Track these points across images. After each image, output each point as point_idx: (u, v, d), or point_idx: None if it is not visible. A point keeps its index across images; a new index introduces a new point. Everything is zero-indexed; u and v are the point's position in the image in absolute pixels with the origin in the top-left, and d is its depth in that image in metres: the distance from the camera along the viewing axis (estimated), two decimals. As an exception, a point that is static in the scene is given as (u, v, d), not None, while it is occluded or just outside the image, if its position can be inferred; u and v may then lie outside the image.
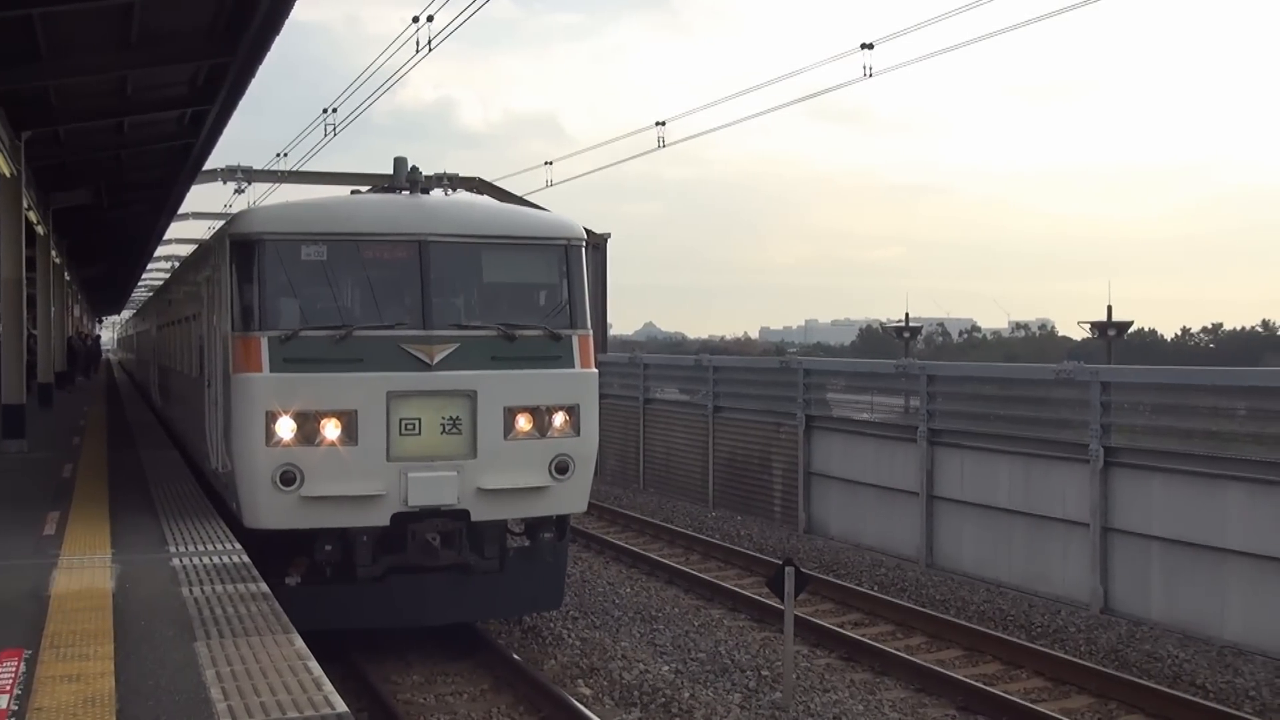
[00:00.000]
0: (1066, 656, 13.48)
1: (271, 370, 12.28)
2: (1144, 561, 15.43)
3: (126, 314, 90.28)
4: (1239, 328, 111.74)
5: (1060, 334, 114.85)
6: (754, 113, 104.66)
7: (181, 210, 37.42)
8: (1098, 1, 18.68)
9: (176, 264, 36.82)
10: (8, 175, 20.71)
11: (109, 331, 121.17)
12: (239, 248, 12.91)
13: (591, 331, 13.82)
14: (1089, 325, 38.52)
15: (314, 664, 7.61)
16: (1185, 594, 14.88)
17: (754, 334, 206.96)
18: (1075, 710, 12.03)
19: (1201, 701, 11.90)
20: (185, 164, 27.13)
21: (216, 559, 11.08)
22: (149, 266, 60.78)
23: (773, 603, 14.30)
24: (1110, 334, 36.45)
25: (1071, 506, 16.40)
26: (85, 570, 10.49)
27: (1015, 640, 14.08)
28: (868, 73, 23.45)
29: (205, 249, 17.11)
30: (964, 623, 14.88)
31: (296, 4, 14.81)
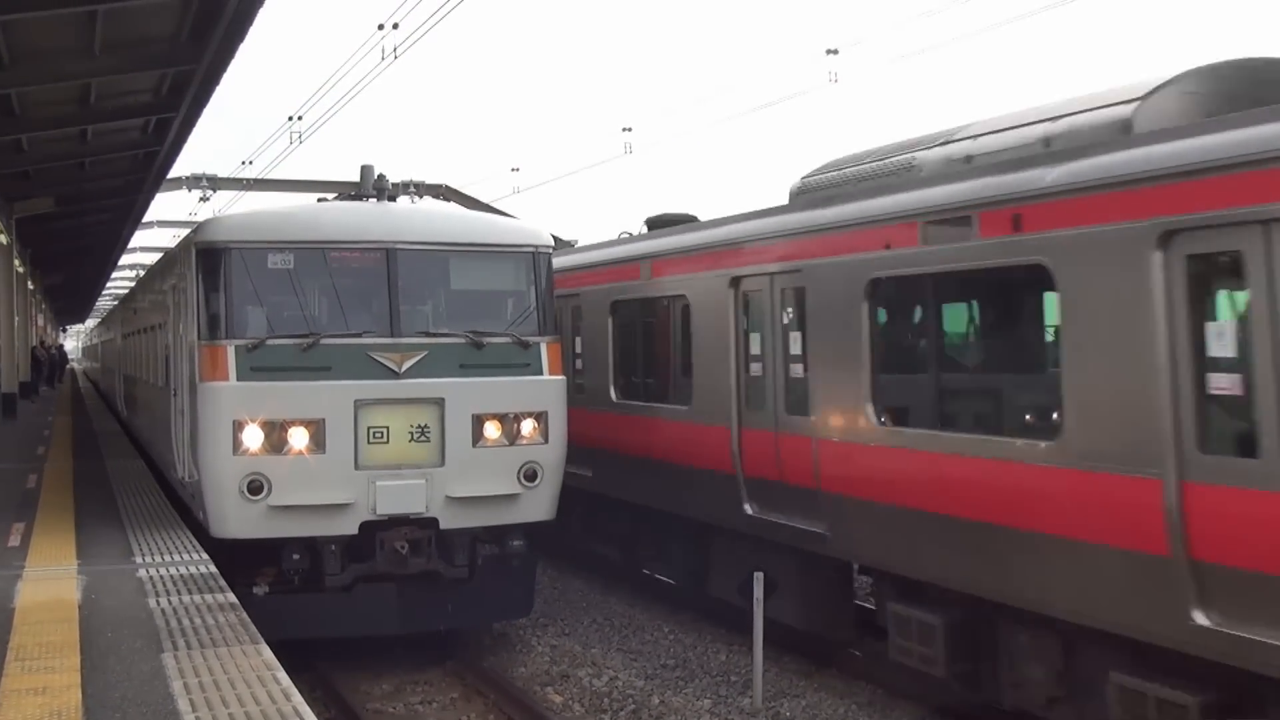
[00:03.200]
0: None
1: (238, 379, 12.23)
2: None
3: (91, 323, 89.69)
4: None
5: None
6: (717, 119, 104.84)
7: (146, 218, 37.25)
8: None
9: (142, 272, 36.59)
10: (-30, 184, 20.56)
11: (73, 340, 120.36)
12: (205, 256, 12.85)
13: (560, 338, 13.85)
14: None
15: (283, 674, 7.60)
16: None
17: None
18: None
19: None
20: (150, 172, 27.00)
21: (184, 569, 11.03)
22: (114, 275, 60.43)
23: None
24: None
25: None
26: (51, 581, 10.42)
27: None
28: (833, 79, 23.58)
29: (171, 257, 17.03)
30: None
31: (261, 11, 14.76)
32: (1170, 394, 8.01)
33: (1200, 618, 7.82)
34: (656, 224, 16.94)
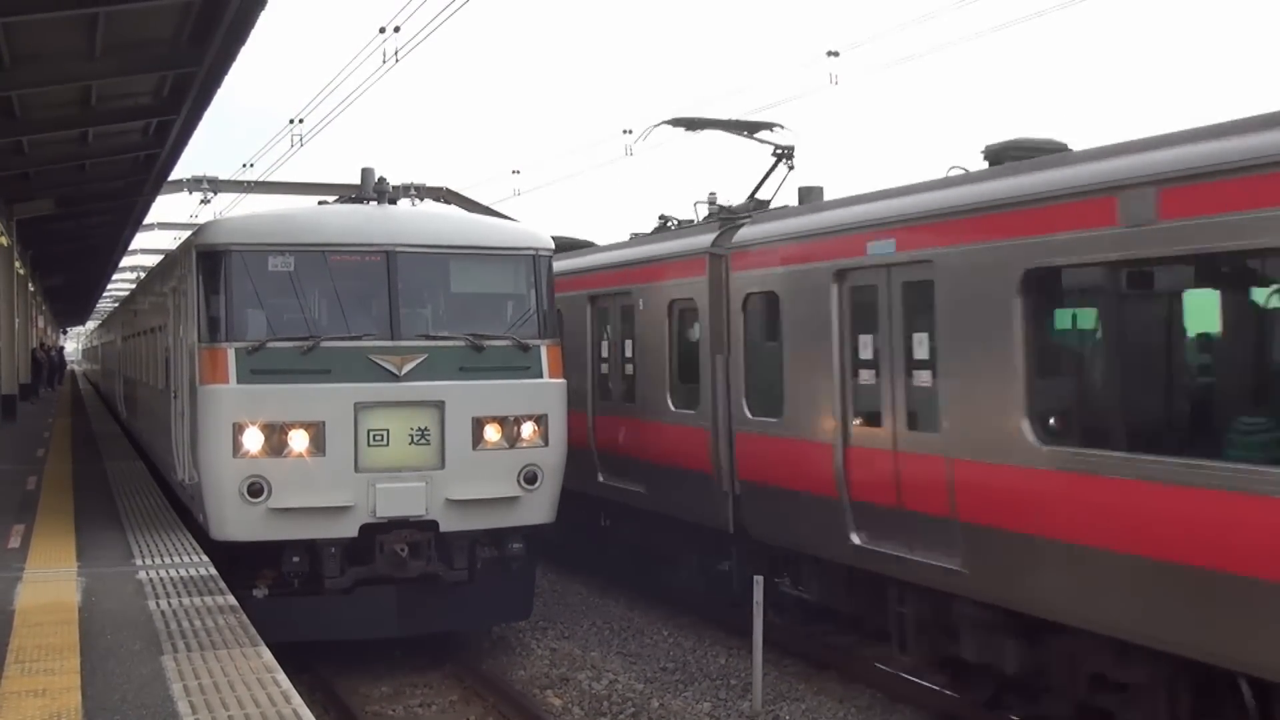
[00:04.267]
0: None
1: (238, 381, 12.24)
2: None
3: (91, 325, 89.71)
4: None
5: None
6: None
7: (147, 221, 37.23)
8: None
9: (142, 275, 36.60)
10: (-29, 186, 20.58)
11: (73, 342, 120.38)
12: (206, 258, 12.86)
13: (561, 341, 13.86)
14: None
15: (282, 677, 7.61)
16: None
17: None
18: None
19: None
20: (150, 174, 27.00)
21: (183, 571, 11.04)
22: (114, 277, 60.44)
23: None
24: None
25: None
26: (51, 583, 10.44)
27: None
28: (834, 81, 23.59)
29: (172, 260, 17.04)
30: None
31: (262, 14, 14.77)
32: None
33: None
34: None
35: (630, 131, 30.73)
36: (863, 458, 11.49)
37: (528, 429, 13.04)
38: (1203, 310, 8.80)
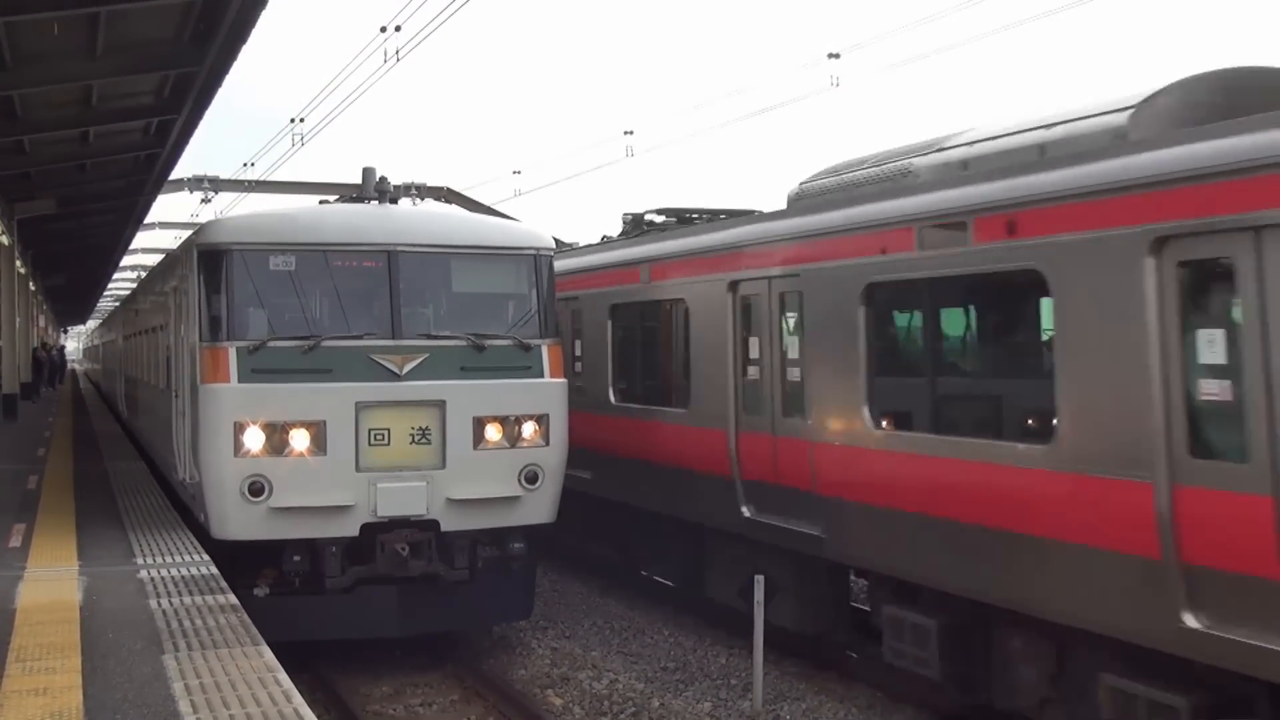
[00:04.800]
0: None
1: (239, 381, 12.25)
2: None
3: (92, 324, 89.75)
4: None
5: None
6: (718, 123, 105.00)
7: (148, 220, 37.23)
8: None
9: (143, 274, 36.61)
10: (-28, 185, 20.59)
11: (74, 342, 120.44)
12: (207, 258, 12.87)
13: (561, 341, 13.86)
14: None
15: (283, 676, 7.61)
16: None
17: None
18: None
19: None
20: (151, 174, 27.01)
21: (184, 570, 11.05)
22: (115, 276, 60.45)
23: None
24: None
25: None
26: (52, 582, 10.44)
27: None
28: (834, 83, 23.60)
29: (173, 259, 17.05)
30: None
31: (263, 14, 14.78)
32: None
33: None
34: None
35: (632, 132, 30.79)
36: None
37: (529, 429, 13.05)
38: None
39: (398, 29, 20.90)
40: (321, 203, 15.09)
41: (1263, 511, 7.58)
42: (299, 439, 12.20)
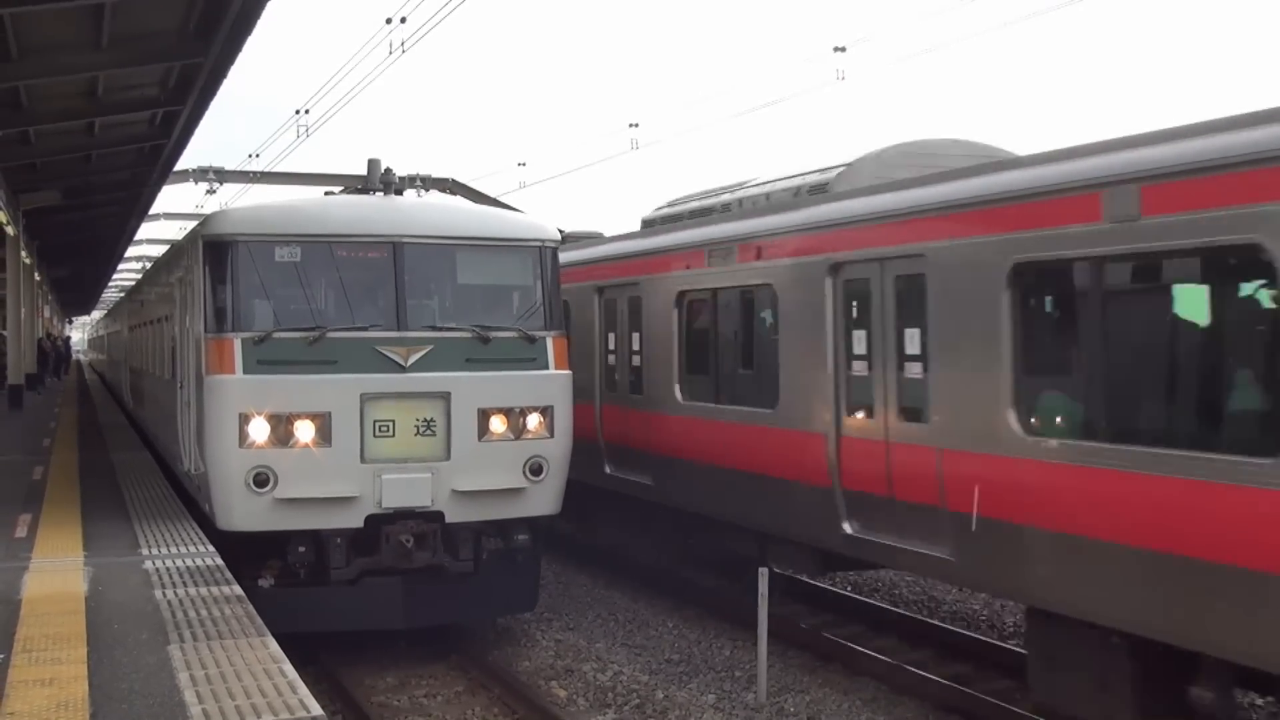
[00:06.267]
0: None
1: (245, 372, 12.26)
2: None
3: (97, 314, 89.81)
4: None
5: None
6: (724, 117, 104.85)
7: (153, 211, 37.29)
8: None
9: (148, 265, 36.61)
10: (-23, 176, 20.60)
11: (79, 332, 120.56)
12: (212, 249, 12.88)
13: (566, 333, 13.86)
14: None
15: (288, 667, 7.62)
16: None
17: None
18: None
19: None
20: (156, 165, 27.04)
21: (190, 561, 11.06)
22: (120, 267, 60.50)
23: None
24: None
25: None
26: (57, 573, 10.46)
27: (987, 639, 14.15)
28: (841, 76, 23.57)
29: (178, 250, 17.06)
30: (937, 623, 14.95)
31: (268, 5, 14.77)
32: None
33: None
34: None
35: (637, 125, 30.81)
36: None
37: (533, 420, 13.05)
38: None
39: (403, 21, 20.90)
40: (327, 194, 15.07)
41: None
42: (304, 430, 12.20)
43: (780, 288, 12.92)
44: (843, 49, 23.71)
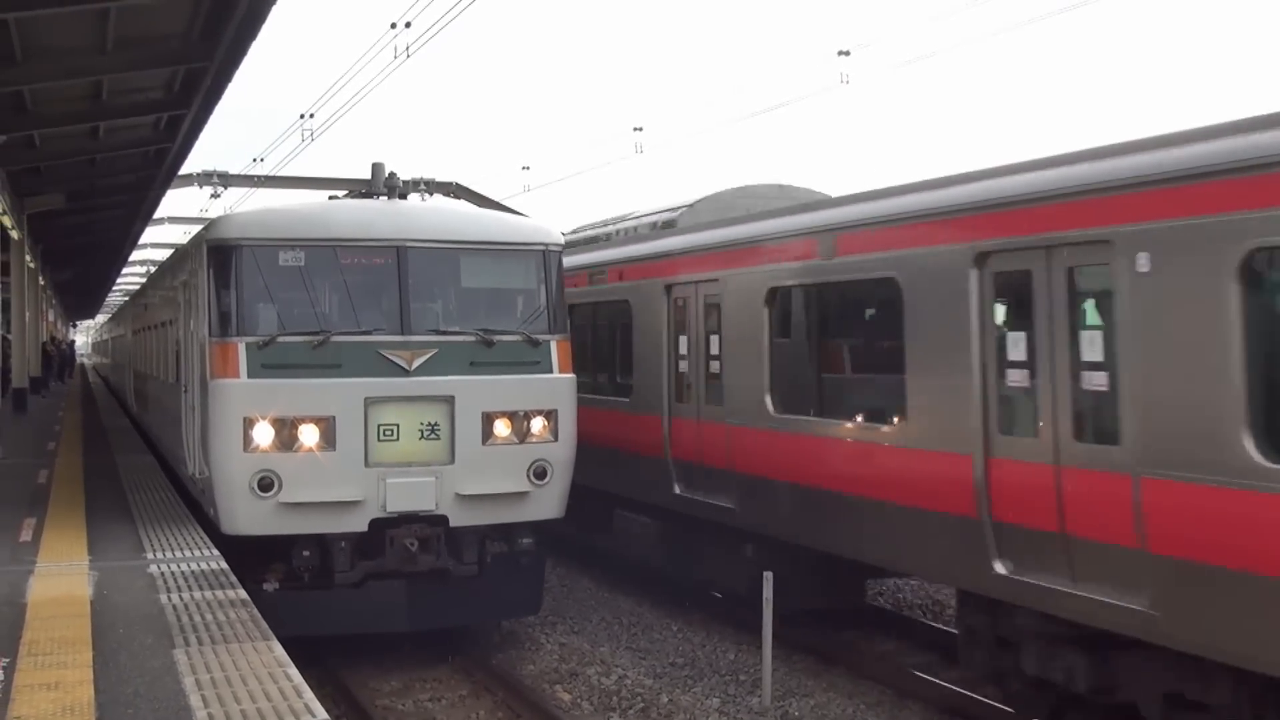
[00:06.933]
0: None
1: (249, 376, 12.27)
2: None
3: (101, 318, 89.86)
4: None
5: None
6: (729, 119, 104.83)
7: (157, 215, 37.26)
8: None
9: (152, 269, 36.65)
10: (-19, 180, 20.61)
11: (83, 336, 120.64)
12: (216, 253, 12.89)
13: (570, 336, 13.86)
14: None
15: (294, 671, 7.63)
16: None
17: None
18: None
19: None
20: (161, 169, 27.01)
21: (194, 565, 11.07)
22: (124, 271, 60.51)
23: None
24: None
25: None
26: (62, 577, 10.47)
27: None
28: (845, 80, 23.57)
29: (182, 254, 17.08)
30: (942, 626, 14.94)
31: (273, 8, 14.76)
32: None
33: None
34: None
35: (641, 129, 30.80)
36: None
37: (537, 424, 13.05)
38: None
39: (408, 25, 20.89)
40: (331, 198, 15.08)
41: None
42: (308, 434, 12.21)
43: (634, 304, 16.21)
44: (847, 53, 23.70)
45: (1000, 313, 10.18)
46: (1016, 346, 9.83)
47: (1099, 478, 8.95)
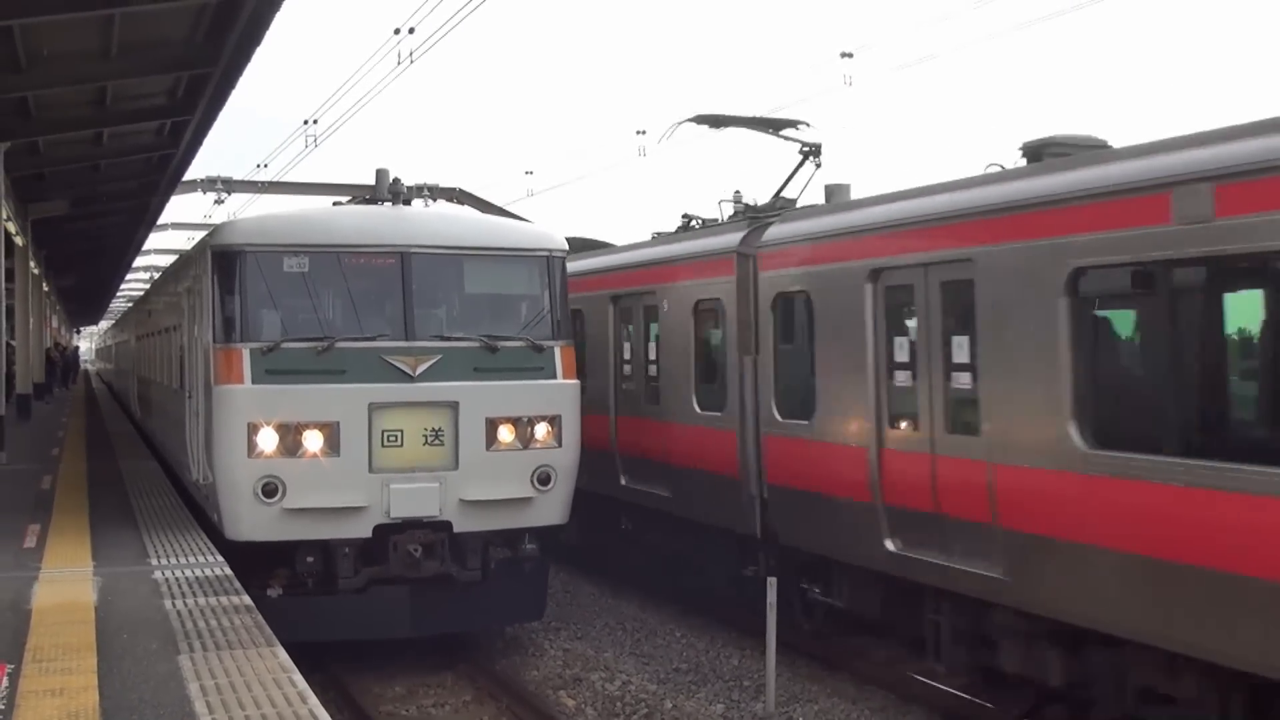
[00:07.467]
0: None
1: (253, 382, 12.27)
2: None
3: (105, 324, 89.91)
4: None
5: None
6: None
7: (161, 221, 37.32)
8: None
9: (156, 275, 36.67)
10: (-13, 186, 20.63)
11: (87, 342, 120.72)
12: (220, 259, 12.90)
13: (574, 342, 13.87)
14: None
15: (298, 677, 7.63)
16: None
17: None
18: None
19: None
20: (165, 174, 27.07)
21: (198, 571, 11.07)
22: (128, 277, 60.57)
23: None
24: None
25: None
26: (67, 583, 10.47)
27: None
28: (848, 82, 23.59)
29: (186, 260, 17.09)
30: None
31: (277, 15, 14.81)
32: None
33: None
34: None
35: (644, 132, 30.84)
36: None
37: (541, 430, 13.05)
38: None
39: (411, 31, 20.89)
40: (335, 204, 15.12)
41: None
42: (312, 440, 12.22)
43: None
44: (850, 55, 23.74)
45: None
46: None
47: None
